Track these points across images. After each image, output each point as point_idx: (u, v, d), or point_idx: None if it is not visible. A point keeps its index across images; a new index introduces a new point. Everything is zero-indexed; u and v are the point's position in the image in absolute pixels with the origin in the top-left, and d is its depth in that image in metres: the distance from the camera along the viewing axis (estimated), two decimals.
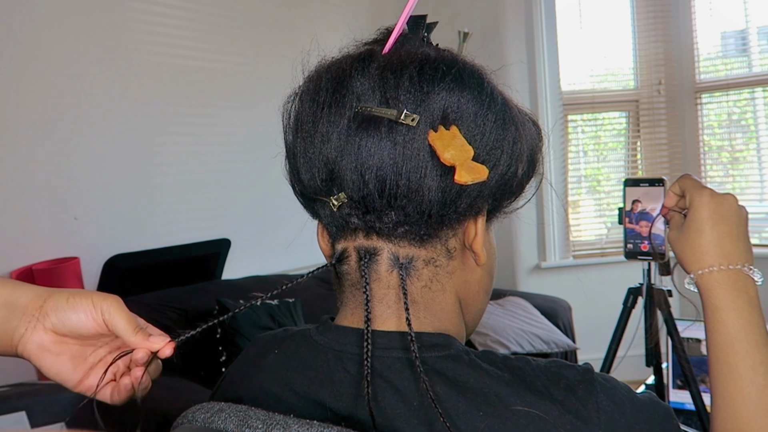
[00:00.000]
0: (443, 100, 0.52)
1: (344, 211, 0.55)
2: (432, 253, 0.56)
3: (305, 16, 3.14)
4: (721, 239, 0.63)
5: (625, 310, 1.46)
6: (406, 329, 0.55)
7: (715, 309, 0.62)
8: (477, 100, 0.53)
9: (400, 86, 0.52)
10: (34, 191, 2.21)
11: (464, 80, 0.53)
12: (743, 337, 0.60)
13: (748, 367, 0.59)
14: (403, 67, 0.53)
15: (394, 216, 0.54)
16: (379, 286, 0.56)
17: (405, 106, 0.52)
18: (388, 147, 0.52)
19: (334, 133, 0.53)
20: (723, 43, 3.61)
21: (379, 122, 0.52)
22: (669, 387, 1.47)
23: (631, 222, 1.28)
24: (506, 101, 0.56)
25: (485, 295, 0.62)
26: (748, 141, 3.58)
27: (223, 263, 2.72)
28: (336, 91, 0.54)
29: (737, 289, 0.61)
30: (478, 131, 0.53)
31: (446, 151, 0.51)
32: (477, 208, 0.56)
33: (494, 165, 0.54)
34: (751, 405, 0.58)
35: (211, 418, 0.54)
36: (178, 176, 2.68)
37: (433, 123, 0.52)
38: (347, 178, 0.53)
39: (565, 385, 0.51)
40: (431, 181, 0.52)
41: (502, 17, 3.49)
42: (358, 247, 0.56)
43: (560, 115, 3.55)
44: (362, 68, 0.54)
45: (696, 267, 0.64)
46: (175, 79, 2.66)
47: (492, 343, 2.60)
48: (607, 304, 2.11)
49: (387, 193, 0.52)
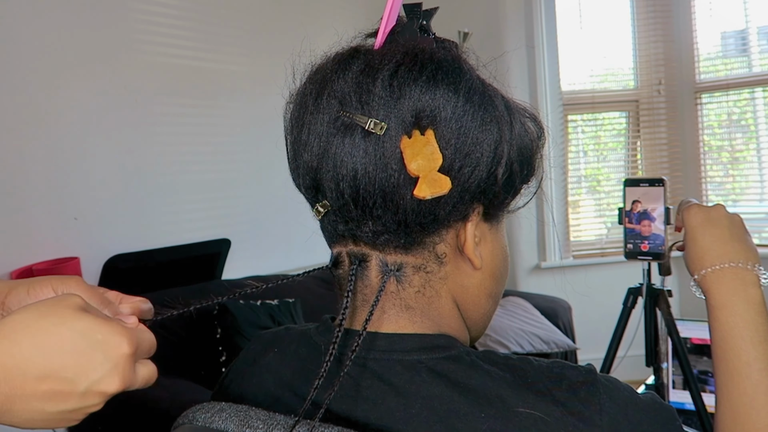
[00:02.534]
0: (416, 104, 0.50)
1: (330, 218, 0.55)
2: (420, 259, 0.55)
3: (307, 15, 3.14)
4: (713, 242, 0.65)
5: (625, 310, 1.46)
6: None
7: (713, 308, 0.64)
8: (452, 102, 0.51)
9: (372, 92, 0.50)
10: (34, 191, 2.21)
11: (438, 80, 0.51)
12: (737, 333, 0.61)
13: (743, 363, 0.60)
14: (378, 70, 0.51)
15: (371, 225, 0.53)
16: (371, 291, 0.55)
17: (376, 112, 0.50)
18: (361, 155, 0.50)
19: (315, 139, 0.52)
20: (723, 43, 3.61)
21: (355, 129, 0.51)
22: (669, 387, 1.47)
23: (631, 222, 1.28)
24: (489, 99, 0.53)
25: (488, 299, 0.60)
26: (748, 141, 3.58)
27: (223, 263, 2.72)
28: (319, 96, 0.53)
29: (732, 288, 0.63)
30: (453, 135, 0.51)
31: (413, 161, 0.49)
32: (461, 213, 0.54)
33: (473, 168, 0.52)
34: (747, 400, 0.59)
35: (211, 418, 0.54)
36: (178, 176, 2.67)
37: (406, 128, 0.50)
38: (326, 187, 0.53)
39: (567, 386, 0.50)
40: (404, 191, 0.51)
41: (502, 17, 3.49)
42: (349, 252, 0.56)
43: (560, 115, 3.55)
44: (343, 71, 0.52)
45: (694, 272, 0.66)
46: (176, 78, 2.66)
47: (492, 343, 2.60)
48: (607, 304, 2.11)
49: (361, 203, 0.52)
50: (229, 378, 0.65)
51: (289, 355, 0.60)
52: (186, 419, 0.56)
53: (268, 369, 0.60)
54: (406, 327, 0.55)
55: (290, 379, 0.58)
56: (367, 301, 0.56)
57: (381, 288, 0.54)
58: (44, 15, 2.22)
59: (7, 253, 2.11)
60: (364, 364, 0.54)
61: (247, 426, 0.51)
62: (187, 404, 0.57)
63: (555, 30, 3.52)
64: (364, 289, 0.56)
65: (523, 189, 0.59)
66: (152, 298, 0.57)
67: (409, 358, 0.53)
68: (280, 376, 0.59)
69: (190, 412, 0.56)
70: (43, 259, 2.19)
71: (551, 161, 3.46)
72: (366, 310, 0.55)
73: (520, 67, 3.48)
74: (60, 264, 2.18)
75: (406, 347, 0.54)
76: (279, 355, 0.61)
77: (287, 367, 0.59)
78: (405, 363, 0.53)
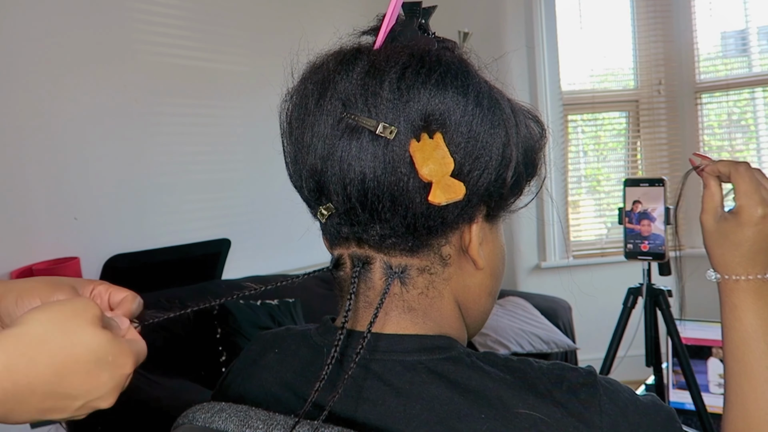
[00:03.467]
0: (425, 107, 0.50)
1: (334, 221, 0.54)
2: (425, 261, 0.55)
3: (307, 16, 3.14)
4: (757, 254, 0.62)
5: (625, 310, 1.46)
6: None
7: (734, 307, 0.62)
8: (461, 105, 0.51)
9: (379, 94, 0.50)
10: (34, 191, 2.21)
11: (447, 83, 0.51)
12: (761, 337, 0.60)
13: (764, 367, 0.59)
14: (384, 72, 0.50)
15: (379, 229, 0.52)
16: (374, 293, 0.55)
17: (384, 116, 0.50)
18: (369, 158, 0.50)
19: (319, 141, 0.52)
20: (723, 43, 3.61)
21: (361, 132, 0.50)
22: (669, 387, 1.47)
23: (631, 222, 1.28)
24: (496, 102, 0.53)
25: (488, 297, 0.60)
26: (748, 141, 3.58)
27: (223, 263, 2.72)
28: (321, 97, 0.52)
29: (759, 293, 0.62)
30: (462, 138, 0.51)
31: (425, 166, 0.49)
32: (468, 216, 0.54)
33: (482, 171, 0.52)
34: (764, 404, 0.58)
35: (211, 418, 0.54)
36: (178, 176, 2.67)
37: (415, 131, 0.50)
38: (332, 190, 0.52)
39: (567, 387, 0.50)
40: (414, 194, 0.50)
41: (502, 17, 3.49)
42: (351, 255, 0.56)
43: (560, 115, 3.55)
44: (346, 72, 0.52)
45: (723, 271, 0.64)
46: (176, 78, 2.66)
47: (492, 344, 2.60)
48: (607, 304, 2.11)
49: (369, 206, 0.51)
50: (229, 378, 0.65)
51: (289, 356, 0.60)
52: (186, 419, 0.56)
53: (268, 369, 0.60)
54: (407, 328, 0.55)
55: (291, 379, 0.58)
56: (370, 303, 0.55)
57: (385, 290, 0.54)
58: (45, 15, 2.22)
59: (7, 253, 2.11)
60: (367, 365, 0.54)
61: (247, 426, 0.51)
62: (187, 404, 0.57)
63: (555, 30, 3.52)
64: (367, 291, 0.56)
65: (526, 189, 0.59)
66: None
67: (410, 359, 0.53)
68: (280, 376, 0.59)
69: (190, 412, 0.56)
70: (43, 259, 2.19)
71: (551, 161, 3.46)
72: (368, 312, 0.55)
73: (520, 67, 3.48)
74: (60, 264, 2.18)
75: (407, 348, 0.54)
76: (280, 355, 0.61)
77: (288, 368, 0.59)
78: (405, 364, 0.53)
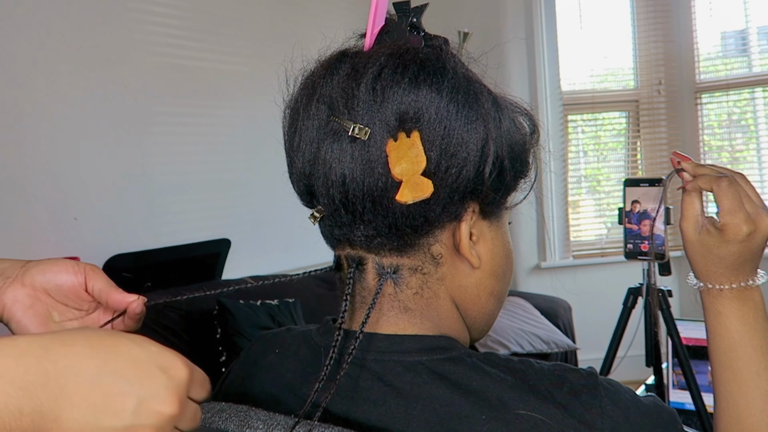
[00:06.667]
0: (399, 106, 0.50)
1: (326, 223, 0.55)
2: (416, 261, 0.54)
3: (307, 15, 3.14)
4: (742, 265, 0.61)
5: (625, 310, 1.46)
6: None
7: (718, 314, 0.61)
8: (435, 102, 0.50)
9: (357, 96, 0.50)
10: (34, 191, 2.21)
11: (421, 81, 0.50)
12: (747, 342, 0.59)
13: (753, 372, 0.59)
14: (363, 74, 0.51)
15: (363, 229, 0.53)
16: (369, 293, 0.55)
17: (362, 117, 0.50)
18: (348, 160, 0.50)
19: (307, 146, 0.53)
20: (723, 43, 3.61)
21: (343, 134, 0.51)
22: (669, 387, 1.47)
23: (631, 222, 1.28)
24: (474, 96, 0.52)
25: (489, 298, 0.59)
26: (748, 141, 3.58)
27: (223, 263, 2.72)
28: (309, 102, 0.53)
29: (742, 298, 0.61)
30: (438, 135, 0.50)
31: (397, 165, 0.49)
32: (453, 214, 0.53)
33: (461, 168, 0.51)
34: (755, 410, 0.58)
35: (212, 419, 0.54)
36: (178, 176, 2.67)
37: (391, 131, 0.50)
38: (318, 192, 0.53)
39: (568, 388, 0.50)
40: (392, 194, 0.51)
41: (502, 17, 3.49)
42: (347, 255, 0.56)
43: (560, 115, 3.55)
44: (331, 75, 0.52)
45: (706, 280, 0.62)
46: (175, 78, 2.65)
47: (492, 343, 2.60)
48: (607, 304, 2.11)
49: (351, 208, 0.52)
50: (229, 378, 0.65)
51: (290, 356, 0.60)
52: None
53: (269, 370, 0.60)
54: (405, 328, 0.55)
55: (291, 380, 0.58)
56: (366, 303, 0.55)
57: (377, 290, 0.54)
58: (44, 15, 2.22)
59: (7, 253, 2.10)
60: (363, 364, 0.54)
61: (247, 426, 0.51)
62: None
63: (555, 30, 3.52)
64: (363, 291, 0.56)
65: (520, 184, 0.58)
66: (151, 298, 0.59)
67: (410, 360, 0.53)
68: (281, 376, 0.59)
69: None
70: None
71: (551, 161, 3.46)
72: (364, 312, 0.55)
73: (520, 67, 3.48)
74: None
75: (407, 348, 0.54)
76: (280, 356, 0.61)
77: (288, 368, 0.59)
78: (406, 364, 0.53)
